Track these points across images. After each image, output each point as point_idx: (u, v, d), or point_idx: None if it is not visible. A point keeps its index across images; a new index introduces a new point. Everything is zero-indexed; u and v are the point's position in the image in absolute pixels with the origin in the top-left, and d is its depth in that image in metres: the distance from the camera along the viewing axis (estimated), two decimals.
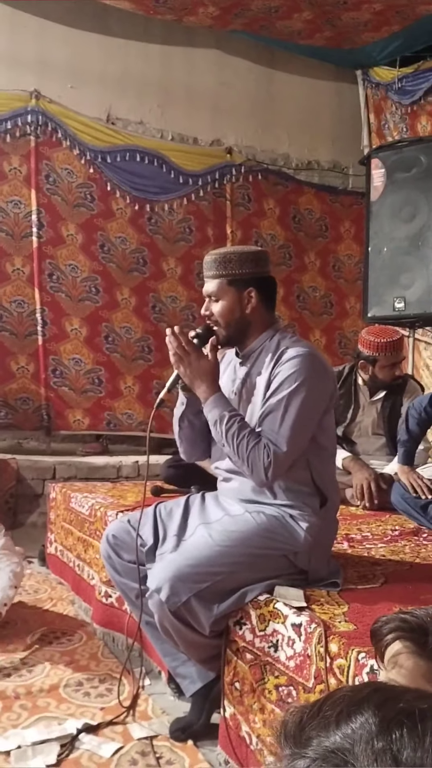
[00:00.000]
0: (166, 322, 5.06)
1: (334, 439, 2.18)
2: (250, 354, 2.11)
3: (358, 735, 0.48)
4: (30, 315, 4.64)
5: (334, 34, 4.91)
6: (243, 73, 5.30)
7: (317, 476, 2.03)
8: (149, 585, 1.92)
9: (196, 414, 2.16)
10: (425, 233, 4.28)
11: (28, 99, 4.60)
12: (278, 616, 1.80)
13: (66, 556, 3.34)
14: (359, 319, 5.26)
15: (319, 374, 2.00)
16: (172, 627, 1.88)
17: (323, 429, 2.05)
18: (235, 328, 2.08)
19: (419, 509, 2.91)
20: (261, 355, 2.08)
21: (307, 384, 1.94)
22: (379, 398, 3.53)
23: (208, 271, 2.09)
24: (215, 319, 2.08)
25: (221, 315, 2.07)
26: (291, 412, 1.92)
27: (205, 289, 2.11)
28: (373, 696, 0.52)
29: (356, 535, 2.70)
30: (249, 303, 2.05)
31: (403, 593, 1.94)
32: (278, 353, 2.01)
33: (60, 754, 1.92)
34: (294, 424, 1.91)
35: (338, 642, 1.59)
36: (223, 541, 1.91)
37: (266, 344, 2.08)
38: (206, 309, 2.10)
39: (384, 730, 0.48)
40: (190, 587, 1.83)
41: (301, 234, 5.50)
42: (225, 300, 2.06)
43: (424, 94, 4.92)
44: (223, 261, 2.06)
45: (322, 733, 0.50)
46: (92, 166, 4.81)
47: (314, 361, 2.00)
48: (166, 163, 5.01)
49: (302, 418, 1.93)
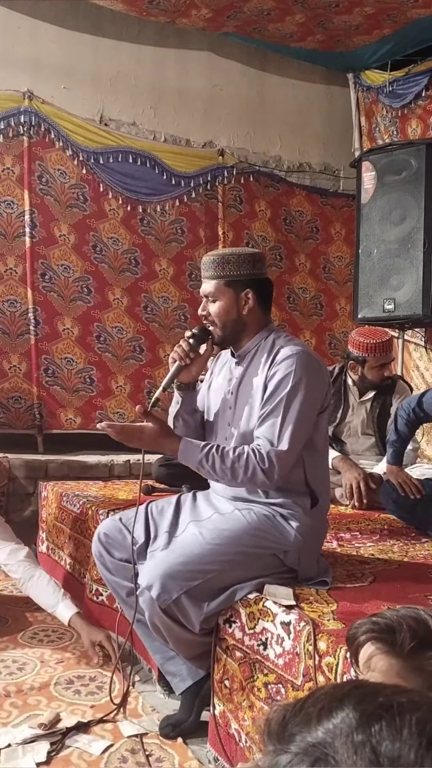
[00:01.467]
0: (158, 322, 5.08)
1: (326, 440, 2.21)
2: (246, 354, 2.14)
3: (338, 729, 0.50)
4: (22, 314, 4.64)
5: (325, 37, 4.94)
6: (235, 76, 5.32)
7: (310, 476, 2.06)
8: (140, 582, 1.93)
9: (191, 413, 2.18)
10: (415, 236, 4.31)
11: (21, 99, 4.61)
12: (268, 615, 1.82)
13: (57, 555, 3.35)
14: (349, 321, 5.30)
15: (315, 372, 2.03)
16: (162, 624, 1.90)
17: (318, 429, 2.08)
18: (232, 329, 2.10)
19: (408, 509, 2.94)
20: (257, 355, 2.10)
21: (304, 382, 1.97)
22: (369, 398, 3.57)
23: (206, 272, 2.11)
24: (212, 320, 2.11)
25: (218, 315, 2.09)
26: (291, 411, 1.95)
27: (202, 290, 2.13)
28: (353, 692, 0.53)
29: (345, 534, 2.73)
30: (246, 304, 2.08)
31: (391, 592, 1.96)
32: (273, 353, 2.04)
33: (50, 752, 1.94)
34: (293, 422, 1.94)
35: (327, 640, 1.62)
36: (214, 539, 1.93)
37: (261, 344, 2.11)
38: (203, 309, 2.13)
39: (364, 723, 0.49)
40: (181, 585, 1.84)
41: (292, 236, 5.53)
42: (222, 301, 2.08)
43: (414, 97, 4.95)
44: (221, 262, 2.08)
45: (304, 729, 0.52)
46: (85, 167, 4.82)
47: (309, 359, 2.03)
48: (158, 164, 5.03)
49: (301, 416, 1.96)
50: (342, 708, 0.51)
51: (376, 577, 2.12)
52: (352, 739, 0.49)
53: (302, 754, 0.50)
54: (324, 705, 0.53)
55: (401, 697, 0.52)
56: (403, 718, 0.49)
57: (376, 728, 0.49)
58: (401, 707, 0.50)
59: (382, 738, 0.48)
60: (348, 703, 0.52)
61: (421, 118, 4.96)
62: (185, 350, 2.09)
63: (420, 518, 2.89)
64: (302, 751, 0.50)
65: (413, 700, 0.52)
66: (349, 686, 0.55)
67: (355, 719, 0.50)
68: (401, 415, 3.01)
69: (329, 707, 0.52)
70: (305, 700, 0.55)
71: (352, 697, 0.53)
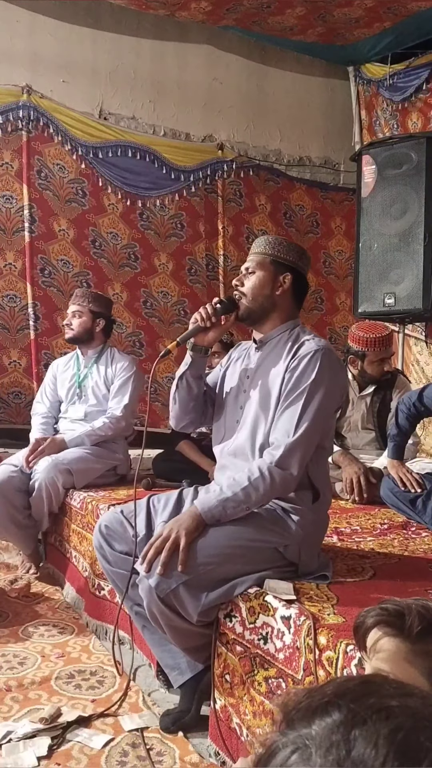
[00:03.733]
0: (157, 317, 5.07)
1: (332, 439, 2.22)
2: (268, 341, 2.15)
3: (327, 726, 0.51)
4: (22, 310, 4.64)
5: (326, 30, 4.92)
6: (235, 69, 5.30)
7: (313, 471, 2.06)
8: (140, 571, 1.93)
9: (197, 378, 2.18)
10: (415, 230, 4.31)
11: (19, 94, 4.59)
12: (268, 609, 1.82)
13: (63, 547, 3.35)
14: (350, 315, 5.29)
15: (336, 371, 2.06)
16: (160, 613, 1.90)
17: (327, 428, 2.08)
18: (260, 305, 2.12)
19: (408, 503, 2.94)
20: (279, 344, 2.11)
21: (326, 379, 1.98)
22: (369, 393, 3.56)
23: (255, 249, 2.18)
24: (243, 290, 2.13)
25: (252, 287, 2.12)
26: (311, 405, 1.96)
27: (244, 265, 2.18)
28: (356, 689, 0.54)
29: (346, 529, 2.73)
30: (281, 286, 2.12)
31: (391, 586, 1.96)
32: (297, 345, 2.06)
33: (51, 746, 1.94)
34: (310, 415, 1.96)
35: (327, 634, 1.61)
36: (215, 531, 1.93)
37: (284, 335, 2.12)
38: (238, 280, 2.16)
39: (347, 724, 0.50)
40: (180, 575, 1.84)
41: (292, 230, 5.52)
42: (261, 274, 2.12)
43: (415, 90, 4.94)
44: (273, 243, 2.15)
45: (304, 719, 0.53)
46: (84, 162, 4.81)
47: (332, 357, 2.05)
48: (157, 158, 5.01)
49: (318, 411, 1.97)
50: (339, 705, 0.52)
51: (377, 572, 2.12)
52: (332, 738, 0.50)
53: (290, 742, 0.51)
54: (327, 699, 0.54)
55: (394, 701, 0.52)
56: (383, 724, 0.50)
57: (356, 731, 0.50)
58: (388, 712, 0.51)
59: (358, 742, 0.49)
60: (345, 700, 0.53)
61: (422, 111, 4.95)
62: (209, 313, 2.11)
63: (420, 512, 2.89)
64: (292, 739, 0.51)
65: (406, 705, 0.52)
66: (358, 681, 0.56)
67: (342, 718, 0.51)
68: (402, 410, 3.01)
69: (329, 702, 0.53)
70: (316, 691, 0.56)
71: (351, 694, 0.53)
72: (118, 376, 3.55)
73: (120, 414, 3.47)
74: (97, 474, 3.41)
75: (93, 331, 3.57)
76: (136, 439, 3.65)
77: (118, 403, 3.51)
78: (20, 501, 3.24)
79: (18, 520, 3.25)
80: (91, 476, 3.36)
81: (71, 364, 3.68)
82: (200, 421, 2.28)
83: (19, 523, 3.26)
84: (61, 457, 3.27)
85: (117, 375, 3.55)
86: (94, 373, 3.59)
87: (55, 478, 3.20)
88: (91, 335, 3.57)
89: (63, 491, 3.27)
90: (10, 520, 3.22)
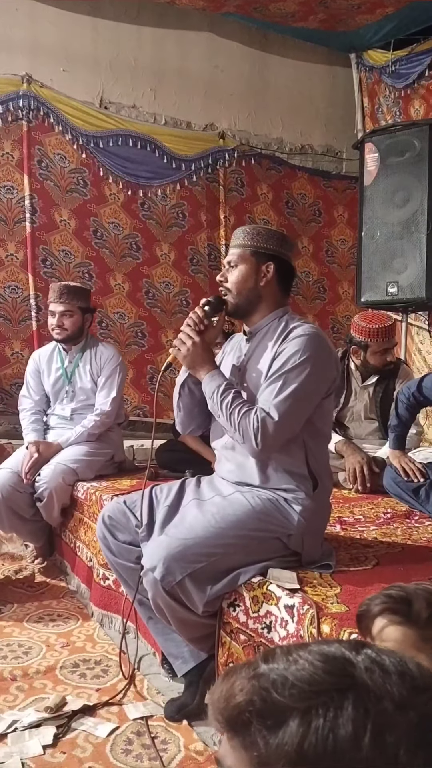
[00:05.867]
0: (159, 307, 5.06)
1: (330, 426, 2.21)
2: (257, 331, 2.14)
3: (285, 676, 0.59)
4: (24, 300, 4.63)
5: (327, 17, 4.87)
6: (236, 57, 5.26)
7: (312, 460, 2.06)
8: (144, 563, 1.94)
9: (197, 382, 2.18)
10: (418, 218, 4.28)
11: (19, 83, 4.57)
12: (271, 598, 1.82)
13: (68, 537, 3.37)
14: (352, 304, 5.28)
15: (325, 356, 2.03)
16: (165, 605, 1.91)
17: (323, 413, 2.08)
18: (246, 298, 2.11)
19: (411, 492, 2.94)
20: (268, 333, 2.11)
21: (311, 362, 1.97)
22: (371, 383, 3.56)
23: (235, 241, 2.15)
24: (228, 286, 2.12)
25: (236, 282, 2.11)
26: (290, 385, 1.95)
27: (227, 258, 2.16)
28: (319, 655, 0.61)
29: (349, 518, 2.73)
30: (265, 276, 2.10)
31: (394, 575, 1.97)
32: (286, 332, 2.05)
33: (56, 735, 1.95)
34: (291, 396, 1.94)
35: (330, 623, 1.62)
36: (218, 522, 1.93)
37: (274, 324, 2.11)
38: (222, 276, 2.15)
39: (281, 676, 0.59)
40: (185, 567, 1.85)
41: (295, 219, 5.49)
42: (243, 267, 2.10)
43: (417, 77, 4.90)
44: (251, 233, 2.13)
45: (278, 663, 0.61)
46: (85, 151, 4.78)
47: (321, 341, 2.03)
48: (158, 147, 4.99)
49: (301, 394, 1.95)
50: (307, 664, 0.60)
51: (380, 561, 2.12)
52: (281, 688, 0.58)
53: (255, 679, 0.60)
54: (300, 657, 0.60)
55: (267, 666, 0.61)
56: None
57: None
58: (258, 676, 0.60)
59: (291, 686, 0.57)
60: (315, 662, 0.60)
61: (424, 98, 4.91)
62: (200, 317, 2.10)
63: (423, 502, 2.89)
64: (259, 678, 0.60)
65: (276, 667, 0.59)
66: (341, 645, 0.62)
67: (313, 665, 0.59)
68: (401, 400, 3.00)
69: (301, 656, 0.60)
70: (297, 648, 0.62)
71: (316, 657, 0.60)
72: (104, 369, 3.51)
73: (109, 408, 3.46)
74: (99, 465, 3.42)
75: (84, 328, 3.54)
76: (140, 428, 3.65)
77: (105, 397, 3.48)
78: (24, 501, 3.24)
79: (25, 518, 3.27)
80: (94, 469, 3.38)
81: (54, 358, 3.60)
82: (207, 423, 2.27)
83: (26, 520, 3.28)
84: (62, 459, 3.27)
85: (103, 368, 3.52)
86: (80, 368, 3.54)
87: (62, 482, 3.21)
88: (82, 332, 3.54)
89: (70, 488, 3.28)
90: (17, 518, 3.24)
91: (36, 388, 3.62)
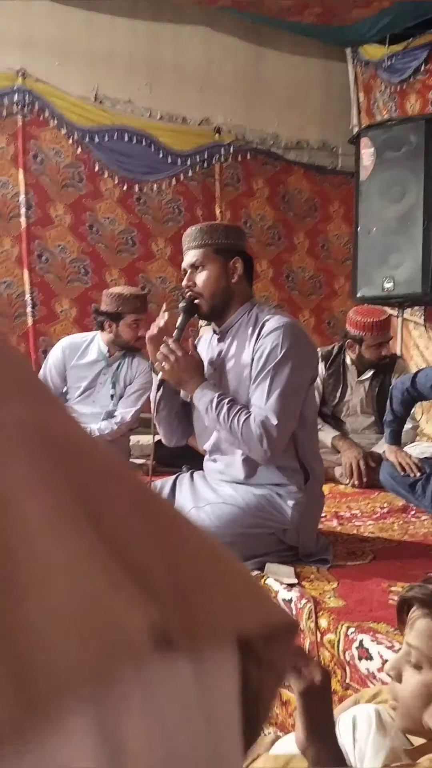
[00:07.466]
0: (155, 303, 5.05)
1: (316, 412, 2.20)
2: (228, 329, 2.11)
3: None
4: (19, 296, 4.62)
5: (323, 11, 4.86)
6: (231, 51, 5.24)
7: (301, 449, 2.05)
8: None
9: (172, 395, 2.16)
10: (414, 213, 4.28)
11: (14, 78, 4.54)
12: (269, 592, 1.82)
13: None
14: (348, 300, 5.27)
15: (303, 343, 2.02)
16: None
17: (307, 403, 2.07)
18: (221, 299, 2.07)
19: (407, 487, 2.94)
20: (240, 329, 2.07)
21: (293, 354, 1.95)
22: (367, 377, 3.56)
23: (192, 242, 2.07)
24: (198, 290, 2.06)
25: (206, 284, 2.05)
26: (278, 383, 1.94)
27: (186, 261, 2.08)
28: None
29: (345, 513, 2.74)
30: (234, 272, 2.05)
31: (391, 569, 1.97)
32: (259, 326, 2.01)
33: None
34: (282, 394, 1.93)
35: (328, 617, 1.62)
36: (213, 521, 1.93)
37: (244, 318, 2.08)
38: (188, 280, 2.08)
39: None
40: None
41: (290, 214, 5.48)
42: (210, 268, 2.04)
43: (413, 72, 4.89)
44: (209, 231, 2.07)
45: None
46: (80, 146, 4.77)
47: (296, 330, 2.02)
48: (154, 142, 4.97)
49: (290, 389, 1.94)
50: None
51: (377, 555, 2.13)
52: None
53: None
54: None
55: None
56: None
57: None
58: None
59: None
60: None
61: (420, 93, 4.90)
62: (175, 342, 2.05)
63: (420, 497, 2.90)
64: None
65: None
66: None
67: None
68: (395, 395, 3.00)
69: None
70: None
71: None
72: (137, 380, 3.43)
73: (129, 420, 3.39)
74: None
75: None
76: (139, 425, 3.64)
77: (130, 406, 3.40)
78: None
79: None
80: None
81: (90, 353, 3.45)
82: (189, 431, 2.25)
83: None
84: None
85: (136, 378, 3.44)
86: (122, 371, 3.44)
87: None
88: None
89: None
90: None
91: (57, 379, 3.46)
